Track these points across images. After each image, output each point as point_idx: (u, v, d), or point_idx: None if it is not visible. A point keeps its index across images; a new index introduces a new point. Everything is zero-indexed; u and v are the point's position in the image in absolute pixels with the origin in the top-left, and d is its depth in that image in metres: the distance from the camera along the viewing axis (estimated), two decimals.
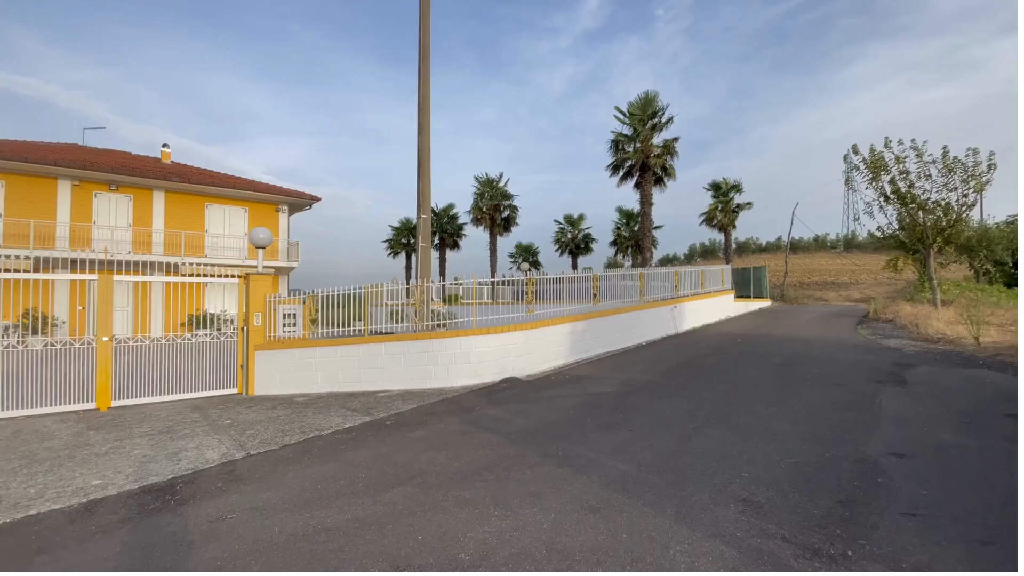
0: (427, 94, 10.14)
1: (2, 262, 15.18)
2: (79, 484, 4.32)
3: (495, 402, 6.91)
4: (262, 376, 8.33)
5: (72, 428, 6.20)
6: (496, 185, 36.98)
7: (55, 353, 7.43)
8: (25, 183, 17.50)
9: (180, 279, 8.51)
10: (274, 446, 5.26)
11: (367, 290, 8.85)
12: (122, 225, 19.09)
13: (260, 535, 3.29)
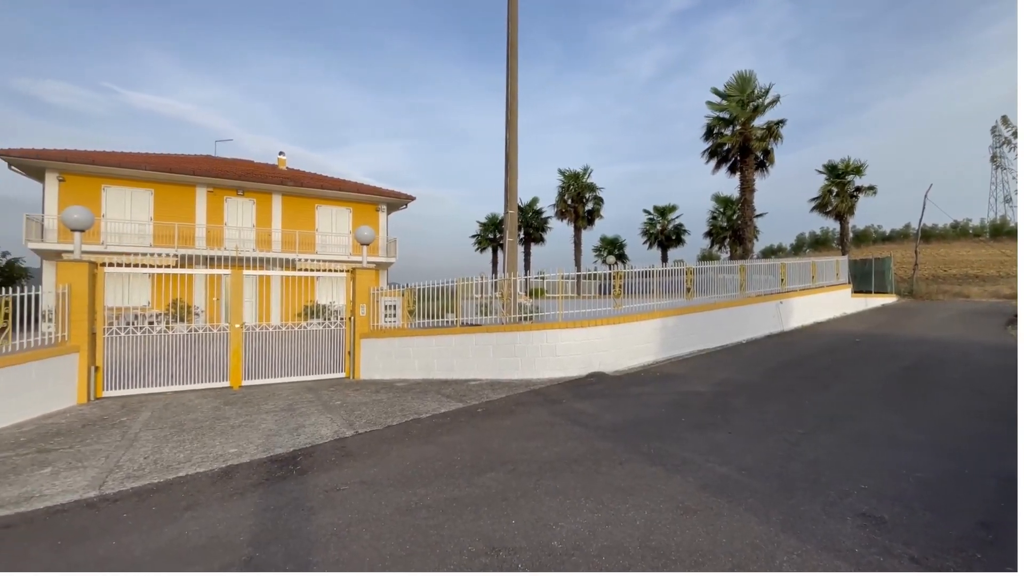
0: (515, 91, 10.28)
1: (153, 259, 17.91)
2: (218, 452, 5.00)
3: (582, 396, 6.89)
4: (366, 362, 9.05)
5: (211, 403, 7.18)
6: (580, 177, 36.48)
7: (196, 338, 8.66)
8: (169, 191, 20.45)
9: (295, 274, 9.49)
10: (378, 426, 5.71)
11: (458, 284, 9.23)
12: (247, 225, 21.64)
13: (369, 507, 3.60)
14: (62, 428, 5.87)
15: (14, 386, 6.13)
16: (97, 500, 3.88)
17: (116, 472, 4.42)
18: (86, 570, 2.88)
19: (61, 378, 6.86)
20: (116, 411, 6.64)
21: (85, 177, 18.83)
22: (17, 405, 6.18)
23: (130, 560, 2.97)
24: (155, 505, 3.75)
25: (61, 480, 4.27)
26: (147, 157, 21.18)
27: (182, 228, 20.15)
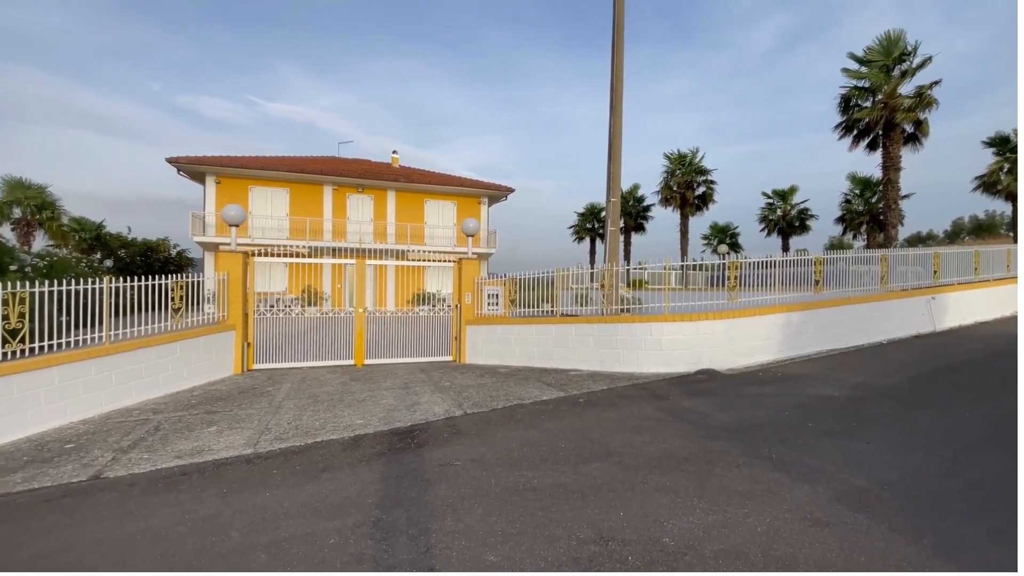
0: (620, 72, 9.93)
1: (289, 250, 20.24)
2: (347, 422, 5.55)
3: (691, 393, 6.54)
4: (471, 347, 9.46)
5: (339, 378, 7.98)
6: (689, 160, 34.30)
7: (325, 320, 9.68)
8: (301, 189, 22.93)
9: (407, 263, 10.16)
10: (485, 409, 5.94)
11: (558, 273, 9.23)
12: (366, 219, 23.61)
13: (479, 484, 3.77)
14: (223, 394, 6.92)
15: (188, 357, 7.36)
16: (252, 457, 4.53)
17: (266, 434, 5.11)
18: (249, 514, 3.38)
19: (222, 351, 8.08)
20: (264, 382, 7.67)
21: (235, 179, 21.85)
22: (189, 373, 7.40)
23: (281, 510, 3.42)
24: (298, 465, 4.28)
25: (224, 438, 5.04)
26: (283, 160, 23.99)
27: (312, 222, 22.56)
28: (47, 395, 5.46)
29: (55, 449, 4.79)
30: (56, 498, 3.77)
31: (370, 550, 2.87)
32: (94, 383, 5.95)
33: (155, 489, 3.85)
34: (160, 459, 4.46)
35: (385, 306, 19.07)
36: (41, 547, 3.06)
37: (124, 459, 4.48)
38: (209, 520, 3.30)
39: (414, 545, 2.92)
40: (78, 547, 3.04)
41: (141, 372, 6.55)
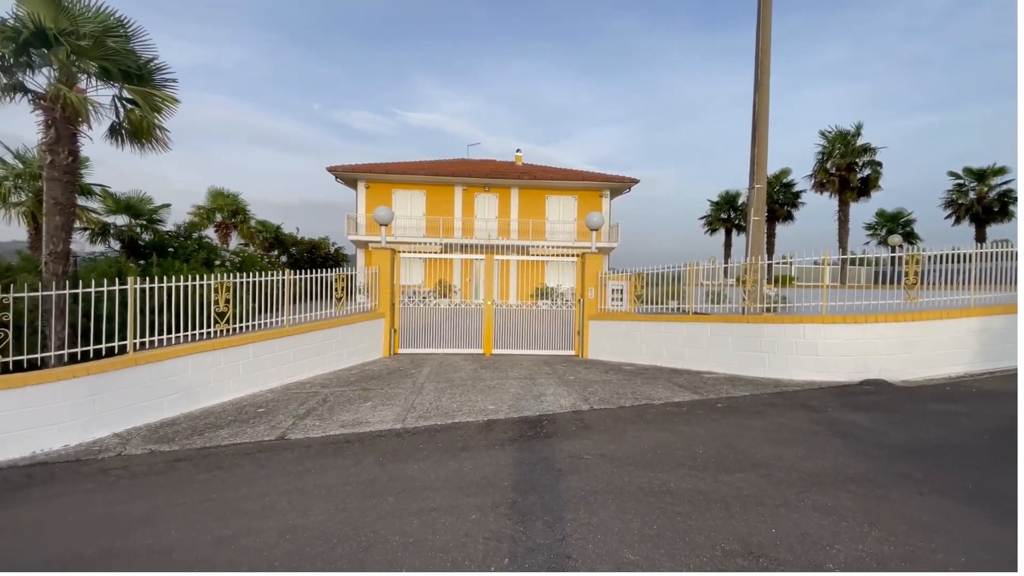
0: (767, 44, 8.96)
1: (425, 247, 21.92)
2: (481, 406, 5.86)
3: (854, 406, 5.70)
4: (594, 343, 9.36)
5: (471, 365, 8.46)
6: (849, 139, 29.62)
7: (455, 311, 10.31)
8: (435, 190, 24.66)
9: (529, 258, 10.37)
10: (612, 405, 5.84)
11: (690, 268, 8.67)
12: (491, 217, 24.66)
13: (612, 480, 3.72)
14: (375, 374, 7.77)
15: (348, 340, 8.39)
16: (402, 431, 5.01)
17: (412, 412, 5.62)
18: (401, 482, 3.75)
19: (373, 336, 9.08)
20: (407, 364, 8.45)
21: (381, 184, 24.31)
22: (348, 354, 8.44)
23: (428, 482, 3.74)
24: (440, 442, 4.63)
25: (377, 413, 5.65)
26: (420, 164, 26.07)
27: (444, 221, 24.23)
28: (244, 367, 6.65)
29: (250, 412, 5.81)
30: (253, 452, 4.56)
31: (508, 530, 3.00)
32: (277, 359, 7.09)
33: (326, 452, 4.47)
34: (328, 427, 5.16)
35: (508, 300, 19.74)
36: (244, 491, 3.73)
37: (301, 424, 5.27)
38: (370, 484, 3.73)
39: (550, 531, 2.97)
40: (271, 494, 3.64)
41: (312, 351, 7.64)
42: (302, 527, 3.11)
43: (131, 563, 2.78)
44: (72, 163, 6.58)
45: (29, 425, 4.78)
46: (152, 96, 6.99)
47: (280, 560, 2.75)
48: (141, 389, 5.52)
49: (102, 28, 6.42)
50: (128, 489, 3.87)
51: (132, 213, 14.27)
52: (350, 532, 3.02)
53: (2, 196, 12.29)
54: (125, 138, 7.37)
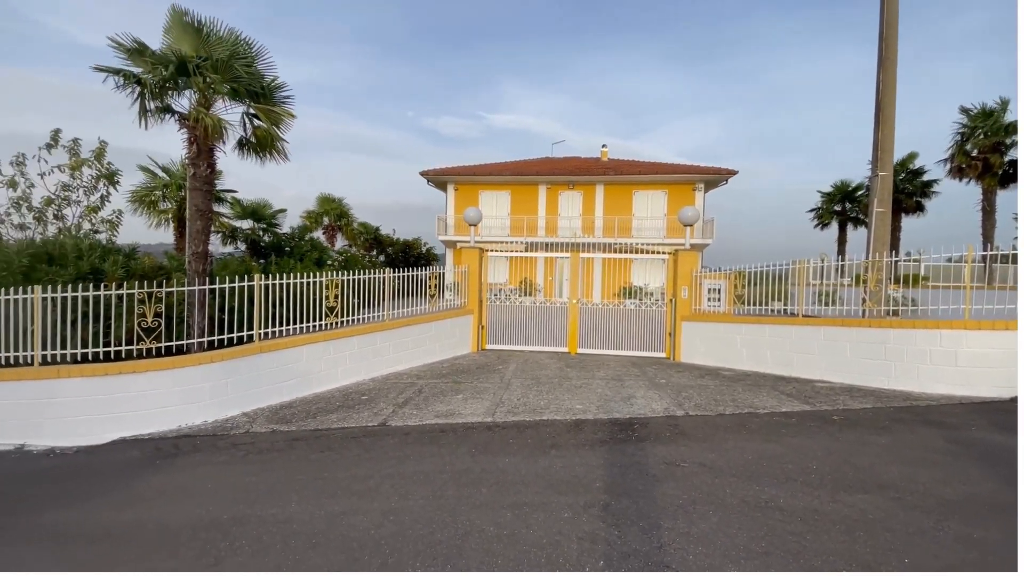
0: (894, 18, 7.91)
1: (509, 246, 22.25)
2: (568, 405, 5.82)
3: (1003, 426, 4.88)
4: (687, 345, 8.90)
5: (556, 364, 8.44)
6: (996, 115, 25.33)
7: (539, 309, 10.34)
8: (519, 190, 24.90)
9: (615, 256, 10.09)
10: (709, 412, 5.51)
11: (799, 266, 7.92)
12: (575, 214, 24.42)
13: (712, 491, 3.50)
14: (465, 368, 8.03)
15: (440, 334, 8.76)
16: (492, 425, 5.12)
17: (501, 407, 5.73)
18: (494, 474, 3.83)
19: (463, 332, 9.39)
20: (494, 360, 8.63)
21: (469, 185, 25.07)
22: (440, 348, 8.81)
23: (519, 476, 3.78)
24: (529, 439, 4.67)
25: (468, 405, 5.83)
26: (505, 165, 26.52)
27: (528, 220, 24.44)
28: (350, 357, 7.19)
29: (355, 399, 6.27)
30: (359, 436, 4.92)
31: (603, 532, 2.94)
32: (378, 351, 7.59)
33: (423, 440, 4.69)
34: (424, 416, 5.42)
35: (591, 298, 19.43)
36: (353, 472, 4.02)
37: (400, 413, 5.58)
38: (464, 474, 3.86)
39: (647, 538, 2.87)
40: (375, 477, 3.90)
41: (408, 345, 8.08)
42: (404, 510, 3.29)
43: (259, 530, 3.12)
44: (210, 174, 7.54)
45: (177, 402, 5.55)
46: (274, 112, 7.79)
47: (385, 540, 2.93)
48: (264, 374, 6.19)
49: (231, 52, 7.27)
50: (255, 463, 4.35)
51: (255, 218, 16.05)
52: (447, 519, 3.14)
53: (153, 204, 14.44)
54: (251, 151, 8.29)
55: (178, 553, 2.89)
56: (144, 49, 6.92)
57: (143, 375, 5.41)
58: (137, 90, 6.95)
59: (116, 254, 8.22)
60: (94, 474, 4.32)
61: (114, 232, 10.04)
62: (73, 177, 9.56)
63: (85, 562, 2.84)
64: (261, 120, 7.82)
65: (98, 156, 9.84)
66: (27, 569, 2.83)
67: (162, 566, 2.76)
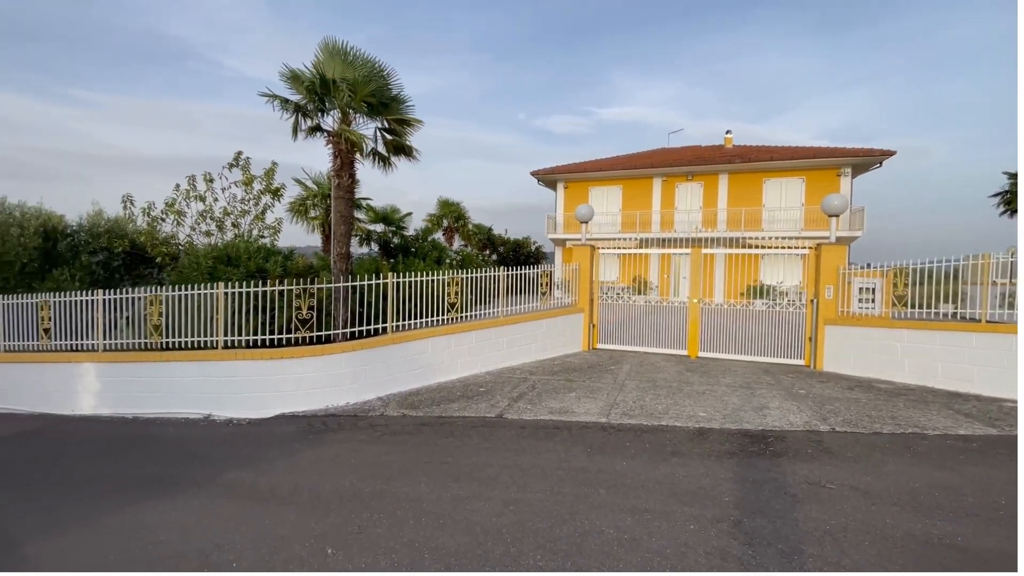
0: None
1: (620, 243, 21.60)
2: (689, 412, 5.48)
3: None
4: (831, 352, 7.87)
5: (674, 367, 8.00)
6: None
7: (654, 309, 9.87)
8: (632, 184, 24.04)
9: (742, 251, 9.25)
10: (862, 429, 4.82)
11: (980, 262, 6.55)
12: (694, 208, 22.95)
13: (868, 519, 3.06)
14: (576, 366, 7.99)
15: (551, 332, 8.83)
16: (606, 426, 5.03)
17: (615, 408, 5.60)
18: (611, 476, 3.76)
19: (574, 330, 9.36)
20: (606, 360, 8.47)
21: (578, 183, 24.88)
22: (551, 345, 8.87)
23: (638, 481, 3.66)
24: (648, 443, 4.50)
25: (582, 404, 5.79)
26: (617, 160, 25.82)
27: (641, 215, 23.54)
28: (468, 351, 7.57)
29: (473, 391, 6.57)
30: (478, 426, 5.15)
31: (734, 550, 2.72)
32: (493, 345, 7.88)
33: (538, 435, 4.77)
34: (538, 412, 5.51)
35: (712, 298, 18.12)
36: (473, 460, 4.22)
37: (515, 407, 5.74)
38: (580, 472, 3.84)
39: (787, 563, 2.60)
40: (494, 466, 4.05)
41: (521, 341, 8.28)
42: (523, 501, 3.37)
43: (394, 505, 3.41)
44: (351, 184, 8.42)
45: (325, 385, 6.31)
46: (403, 122, 8.48)
47: (506, 528, 3.02)
48: (395, 363, 6.77)
49: (368, 73, 8.04)
50: (389, 443, 4.78)
51: (386, 222, 17.63)
52: (566, 515, 3.15)
53: (305, 212, 16.58)
54: (383, 160, 9.11)
55: (327, 518, 3.28)
56: (299, 77, 7.94)
57: (298, 360, 6.24)
58: (293, 113, 8.02)
59: (277, 256, 9.58)
60: (262, 442, 5.09)
61: (276, 237, 11.70)
62: (246, 191, 11.33)
63: (259, 515, 3.36)
64: (392, 132, 8.54)
65: (268, 174, 11.55)
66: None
67: (315, 528, 3.16)
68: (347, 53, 7.98)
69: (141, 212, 10.99)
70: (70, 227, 11.13)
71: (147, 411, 6.44)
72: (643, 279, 18.10)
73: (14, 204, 10.79)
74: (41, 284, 9.79)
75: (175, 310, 6.76)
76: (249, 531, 3.15)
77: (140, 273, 11.28)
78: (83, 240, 10.84)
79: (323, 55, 8.00)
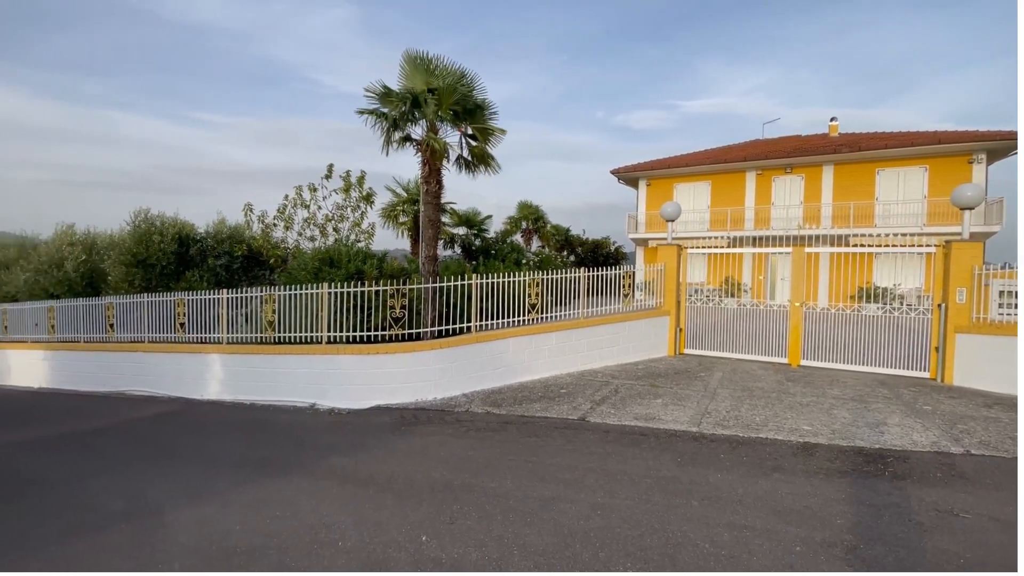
0: None
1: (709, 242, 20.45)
2: (792, 425, 5.06)
3: None
4: (963, 364, 6.88)
5: (773, 376, 7.43)
6: None
7: (747, 312, 9.23)
8: (722, 179, 22.66)
9: (850, 250, 8.36)
10: (1003, 453, 4.16)
11: None
12: (794, 203, 21.16)
13: (1013, 557, 2.63)
14: (661, 372, 7.70)
15: (633, 335, 8.59)
16: (697, 435, 4.79)
17: (707, 417, 5.32)
18: (704, 488, 3.58)
19: (658, 334, 9.02)
20: (695, 366, 8.07)
21: (662, 180, 23.95)
22: (634, 349, 8.62)
23: (735, 496, 3.45)
24: (744, 456, 4.22)
25: (669, 412, 5.57)
26: (705, 154, 24.52)
27: (732, 212, 22.14)
28: (548, 352, 7.59)
29: (554, 392, 6.57)
30: (560, 428, 5.14)
31: None
32: (574, 347, 7.83)
33: (623, 441, 4.66)
34: (623, 417, 5.38)
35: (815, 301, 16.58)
36: (557, 460, 4.22)
37: (598, 410, 5.66)
38: (670, 482, 3.70)
39: None
40: (579, 469, 4.02)
41: (602, 343, 8.14)
42: (610, 507, 3.31)
43: (482, 499, 3.51)
44: (438, 190, 8.80)
45: (414, 380, 6.64)
46: (486, 130, 8.70)
47: (594, 532, 2.99)
48: (479, 362, 6.97)
49: (453, 82, 8.34)
50: (474, 438, 4.92)
51: (468, 225, 18.20)
52: (656, 525, 3.05)
53: (395, 217, 17.58)
54: (467, 167, 9.41)
55: (421, 507, 3.45)
56: (389, 92, 8.42)
57: (391, 356, 6.63)
58: (385, 126, 8.53)
59: (372, 258, 10.25)
60: (360, 431, 5.47)
61: (370, 241, 12.54)
62: (344, 199, 12.26)
63: (360, 499, 3.61)
64: (476, 139, 8.80)
65: (360, 181, 12.43)
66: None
67: (411, 516, 3.33)
68: (430, 62, 8.32)
69: (257, 219, 12.28)
70: (199, 234, 12.71)
71: (261, 398, 7.18)
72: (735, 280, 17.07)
73: (155, 215, 12.55)
74: (176, 284, 11.29)
75: (285, 308, 7.47)
76: (351, 513, 3.41)
77: (255, 274, 12.59)
78: (209, 245, 12.32)
79: (407, 67, 8.42)
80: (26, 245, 15.34)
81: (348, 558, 2.84)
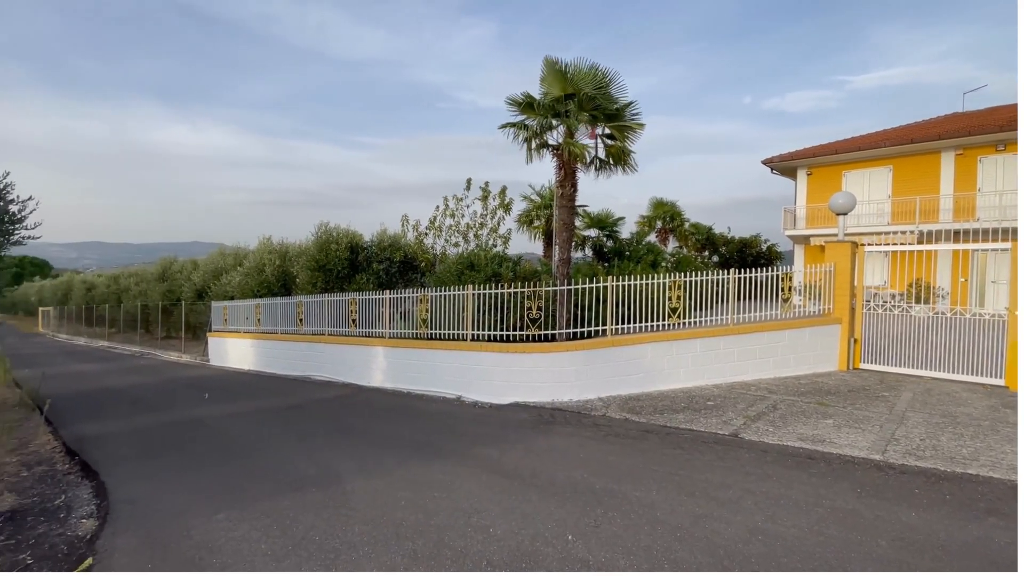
0: None
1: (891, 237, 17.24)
2: (1010, 460, 4.05)
3: None
4: None
5: (983, 400, 6.02)
6: None
7: (944, 321, 7.56)
8: (907, 163, 18.97)
9: None
10: None
11: None
12: (1008, 188, 16.89)
13: None
14: (830, 388, 6.72)
15: (794, 345, 7.64)
16: (882, 464, 4.09)
17: (894, 444, 4.51)
18: (894, 528, 3.04)
19: (826, 344, 7.88)
20: (874, 384, 6.89)
21: (827, 168, 20.91)
22: (794, 360, 7.66)
23: (938, 542, 2.86)
24: (948, 494, 3.49)
25: (843, 434, 4.83)
26: (884, 134, 20.82)
27: (923, 201, 18.45)
28: (692, 360, 7.13)
29: (700, 403, 6.15)
30: (709, 442, 4.79)
31: None
32: (721, 356, 7.24)
33: (785, 463, 4.18)
34: (784, 436, 4.82)
35: None
36: (707, 477, 3.94)
37: (753, 427, 5.15)
38: (849, 515, 3.21)
39: None
40: (733, 488, 3.70)
41: (755, 353, 7.39)
42: (772, 533, 3.00)
43: (626, 507, 3.43)
44: (573, 194, 8.86)
45: (550, 380, 6.76)
46: (624, 127, 8.52)
47: (756, 558, 2.73)
48: (614, 366, 6.84)
49: (592, 85, 8.31)
50: (614, 444, 4.84)
51: (600, 226, 18.02)
52: (834, 561, 2.67)
53: (529, 222, 18.14)
54: (602, 167, 9.30)
55: (564, 506, 3.49)
56: (532, 101, 8.71)
57: (529, 355, 6.85)
58: (525, 136, 8.82)
59: (508, 262, 10.72)
60: (501, 425, 5.75)
61: (506, 245, 13.13)
62: (484, 207, 13.03)
63: (507, 490, 3.79)
64: (614, 138, 8.67)
65: (501, 194, 13.13)
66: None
67: (555, 513, 3.39)
68: (567, 70, 8.39)
69: (412, 228, 13.68)
70: (365, 242, 14.55)
71: (416, 388, 7.95)
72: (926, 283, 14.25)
73: (333, 227, 14.68)
74: (348, 286, 13.06)
75: (436, 307, 8.18)
76: (499, 503, 3.59)
77: (409, 277, 14.01)
78: (373, 252, 14.03)
79: (547, 75, 8.60)
80: (239, 254, 19.10)
81: (499, 546, 2.99)
